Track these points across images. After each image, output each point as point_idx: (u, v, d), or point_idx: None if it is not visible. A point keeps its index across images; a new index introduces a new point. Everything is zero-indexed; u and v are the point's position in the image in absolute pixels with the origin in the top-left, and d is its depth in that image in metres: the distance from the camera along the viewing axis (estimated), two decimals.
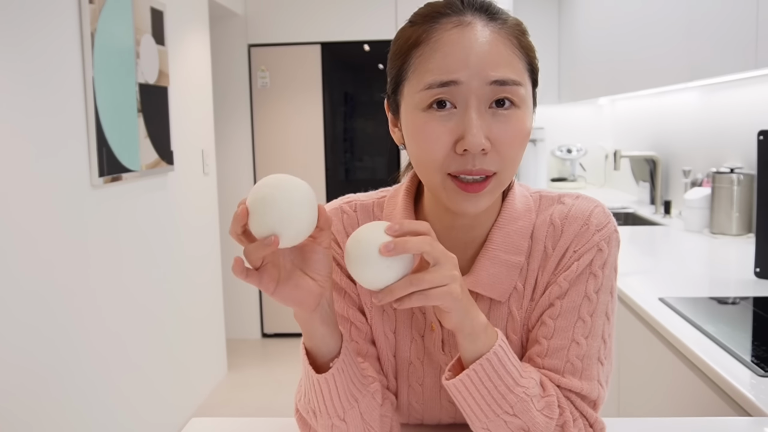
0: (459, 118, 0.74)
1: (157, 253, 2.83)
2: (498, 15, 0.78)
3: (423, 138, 0.76)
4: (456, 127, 0.74)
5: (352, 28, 4.22)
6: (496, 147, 0.75)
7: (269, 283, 0.70)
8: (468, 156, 0.74)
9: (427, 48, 0.76)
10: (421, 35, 0.77)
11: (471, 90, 0.74)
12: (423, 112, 0.76)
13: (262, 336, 4.48)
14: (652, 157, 3.32)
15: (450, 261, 0.70)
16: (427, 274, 0.68)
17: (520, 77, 0.76)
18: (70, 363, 2.15)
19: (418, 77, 0.76)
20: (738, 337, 1.35)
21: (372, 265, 0.68)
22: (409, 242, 0.68)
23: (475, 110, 0.74)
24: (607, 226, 0.84)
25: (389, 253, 0.67)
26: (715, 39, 2.11)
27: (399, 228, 0.70)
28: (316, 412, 0.81)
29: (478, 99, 0.74)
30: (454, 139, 0.75)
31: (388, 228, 0.70)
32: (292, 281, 0.72)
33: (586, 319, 0.81)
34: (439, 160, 0.76)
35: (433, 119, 0.75)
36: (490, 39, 0.75)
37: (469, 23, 0.76)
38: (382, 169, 4.40)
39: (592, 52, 3.67)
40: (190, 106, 3.25)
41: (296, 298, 0.72)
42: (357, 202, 0.92)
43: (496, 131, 0.75)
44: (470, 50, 0.74)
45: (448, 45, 0.75)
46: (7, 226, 1.86)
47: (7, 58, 1.88)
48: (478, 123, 0.73)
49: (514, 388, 0.75)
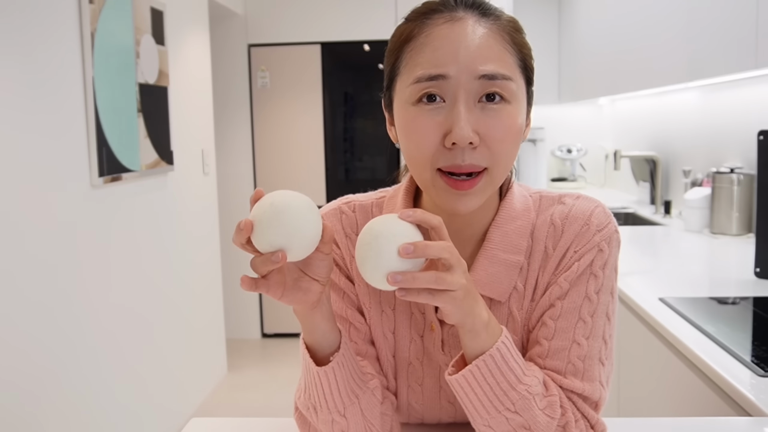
0: (448, 111, 0.75)
1: (157, 253, 2.83)
2: (491, 12, 0.78)
3: (412, 132, 0.76)
4: (445, 121, 0.75)
5: (352, 28, 4.22)
6: (486, 141, 0.75)
7: (277, 290, 0.71)
8: (457, 150, 0.74)
9: (418, 43, 0.77)
10: (413, 30, 0.78)
11: (460, 84, 0.74)
12: (413, 106, 0.76)
13: (262, 336, 4.48)
14: (652, 157, 3.32)
15: (462, 267, 0.70)
16: (448, 275, 0.68)
17: (510, 72, 0.76)
18: (70, 363, 2.15)
19: (409, 71, 0.77)
20: (738, 337, 1.35)
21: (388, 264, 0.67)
22: (430, 247, 0.67)
23: (464, 104, 0.74)
24: (608, 227, 0.84)
25: (408, 256, 0.67)
26: (715, 39, 2.11)
27: (413, 214, 0.70)
28: (317, 407, 0.81)
29: (467, 93, 0.74)
30: (443, 132, 0.75)
31: (402, 213, 0.70)
32: (297, 284, 0.73)
33: (587, 320, 0.81)
34: (429, 155, 0.76)
35: (422, 113, 0.75)
36: (481, 34, 0.76)
37: (461, 18, 0.76)
38: (382, 169, 4.40)
39: (592, 52, 3.67)
40: (190, 106, 3.25)
41: (300, 298, 0.73)
42: (356, 202, 0.92)
43: (485, 125, 0.75)
44: (460, 44, 0.74)
45: (438, 39, 0.75)
46: (6, 225, 1.86)
47: (7, 57, 1.88)
48: (466, 116, 0.73)
49: (516, 385, 0.75)
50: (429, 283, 0.67)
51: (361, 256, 0.69)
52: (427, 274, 0.67)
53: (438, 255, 0.68)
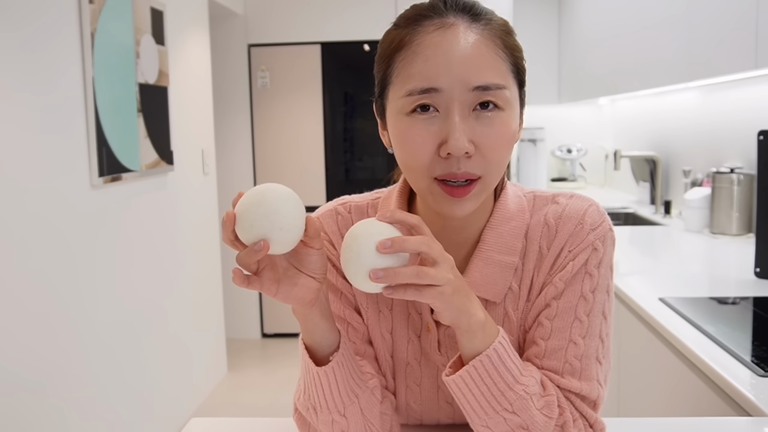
0: (442, 122, 0.74)
1: (157, 254, 2.83)
2: (482, 15, 0.77)
3: (408, 142, 0.76)
4: (439, 131, 0.74)
5: (352, 28, 4.22)
6: (481, 150, 0.75)
7: (271, 286, 0.71)
8: (452, 159, 0.74)
9: (410, 52, 0.76)
10: (403, 38, 0.77)
11: (453, 96, 0.74)
12: (407, 116, 0.76)
13: (262, 336, 4.48)
14: (652, 157, 3.32)
15: (447, 262, 0.71)
16: (431, 269, 0.68)
17: (504, 80, 0.75)
18: (69, 363, 2.15)
19: (401, 82, 0.76)
20: (738, 337, 1.35)
21: (368, 263, 0.68)
22: (407, 241, 0.68)
23: (458, 114, 0.74)
24: (602, 225, 0.84)
25: (386, 250, 0.67)
26: (715, 39, 2.11)
27: (390, 215, 0.71)
28: (317, 407, 0.81)
29: (461, 104, 0.74)
30: (437, 142, 0.75)
31: (380, 214, 0.71)
32: (291, 280, 0.73)
33: (583, 319, 0.81)
34: (425, 165, 0.76)
35: (416, 123, 0.75)
36: (473, 42, 0.75)
37: (452, 25, 0.75)
38: (381, 169, 4.40)
39: (592, 53, 3.67)
40: (190, 106, 3.25)
41: (296, 295, 0.73)
42: (351, 203, 0.93)
43: (480, 134, 0.74)
44: (451, 55, 0.74)
45: (429, 48, 0.74)
46: (6, 225, 1.86)
47: (7, 57, 1.88)
48: (461, 127, 0.73)
49: (513, 385, 0.75)
50: (411, 277, 0.67)
51: (344, 259, 0.70)
52: (409, 268, 0.68)
53: (416, 248, 0.68)
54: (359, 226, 0.71)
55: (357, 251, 0.68)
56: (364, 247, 0.68)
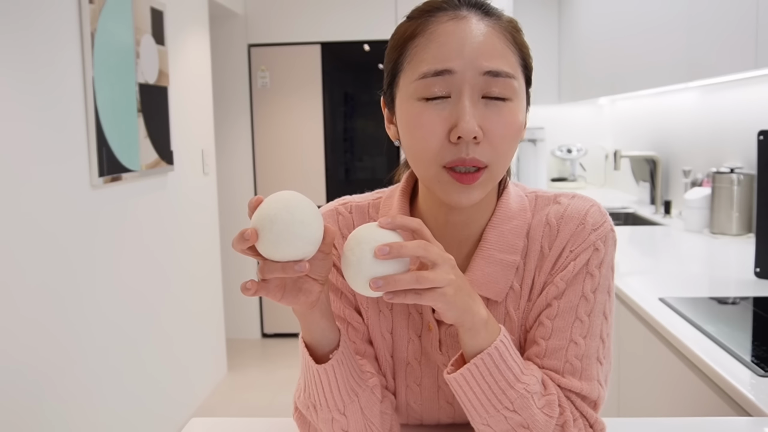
0: (453, 106, 0.76)
1: (157, 254, 2.83)
2: (493, 12, 0.80)
3: (418, 127, 0.77)
4: (450, 116, 0.75)
5: (352, 28, 4.22)
6: (489, 137, 0.76)
7: (276, 292, 0.71)
8: (461, 145, 0.75)
9: (423, 39, 0.78)
10: (417, 28, 0.79)
11: (465, 79, 0.75)
12: (418, 101, 0.77)
13: (262, 336, 4.48)
14: (652, 157, 3.32)
15: (447, 263, 0.71)
16: (430, 273, 0.69)
17: (513, 70, 0.77)
18: (69, 363, 2.15)
19: (413, 67, 0.78)
20: (738, 337, 1.35)
21: (368, 269, 0.68)
22: (405, 247, 0.69)
23: (469, 98, 0.75)
24: (603, 225, 0.84)
25: (384, 256, 0.68)
26: (715, 39, 2.11)
27: (391, 221, 0.71)
28: (317, 405, 0.81)
29: (472, 88, 0.75)
30: (448, 127, 0.75)
31: (381, 220, 0.71)
32: (296, 285, 0.73)
33: (584, 319, 0.81)
34: (434, 150, 0.76)
35: (427, 108, 0.76)
36: (485, 32, 0.77)
37: (465, 17, 0.78)
38: (382, 169, 4.40)
39: (592, 52, 3.67)
40: (190, 106, 3.25)
41: (300, 299, 0.73)
42: (352, 203, 0.93)
43: (489, 121, 0.76)
44: (465, 41, 0.76)
45: (443, 36, 0.76)
46: (6, 225, 1.86)
47: (7, 57, 1.88)
48: (471, 110, 0.74)
49: (514, 384, 0.75)
50: (410, 284, 0.68)
51: (344, 265, 0.70)
52: (407, 274, 0.68)
53: (414, 253, 0.69)
54: (360, 232, 0.71)
55: (357, 258, 0.69)
56: (364, 254, 0.68)
